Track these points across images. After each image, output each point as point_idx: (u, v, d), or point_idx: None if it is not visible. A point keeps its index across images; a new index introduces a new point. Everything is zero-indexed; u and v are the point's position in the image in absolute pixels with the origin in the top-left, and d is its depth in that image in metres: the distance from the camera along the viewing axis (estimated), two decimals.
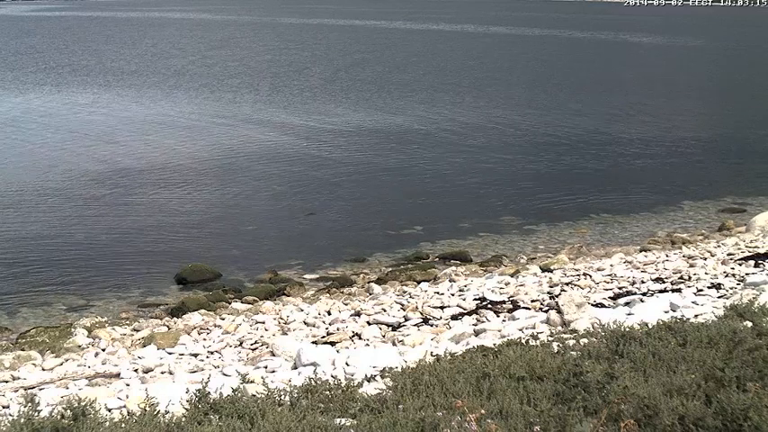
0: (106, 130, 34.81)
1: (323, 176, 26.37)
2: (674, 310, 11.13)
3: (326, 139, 32.80)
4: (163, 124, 36.56)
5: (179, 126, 36.04)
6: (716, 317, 8.61)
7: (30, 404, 5.77)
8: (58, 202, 23.04)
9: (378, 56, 70.43)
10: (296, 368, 10.53)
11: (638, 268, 16.18)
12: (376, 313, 14.16)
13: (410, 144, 31.87)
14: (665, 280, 14.93)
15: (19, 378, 11.95)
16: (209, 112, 39.64)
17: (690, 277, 14.93)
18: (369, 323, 13.66)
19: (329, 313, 14.53)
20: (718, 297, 12.73)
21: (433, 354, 8.94)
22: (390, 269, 17.97)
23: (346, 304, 15.16)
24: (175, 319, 15.03)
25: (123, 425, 5.76)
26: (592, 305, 12.63)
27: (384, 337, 12.96)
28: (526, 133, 34.67)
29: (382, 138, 33.10)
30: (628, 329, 7.44)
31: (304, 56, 70.27)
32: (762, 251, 16.43)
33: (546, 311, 12.65)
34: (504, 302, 14.22)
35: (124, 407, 8.89)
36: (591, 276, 15.75)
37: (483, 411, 5.43)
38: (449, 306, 14.36)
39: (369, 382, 7.71)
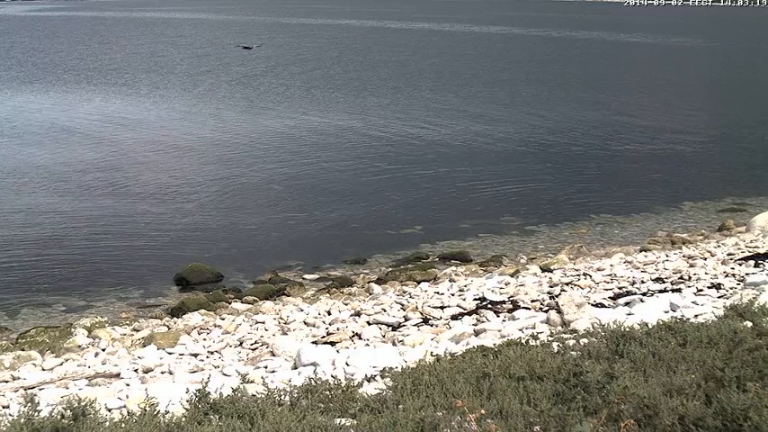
0: (105, 129, 34.79)
1: (323, 176, 26.38)
2: (674, 310, 11.12)
3: (326, 139, 32.79)
4: (162, 124, 36.59)
5: (179, 126, 36.06)
6: (716, 317, 8.61)
7: (30, 404, 5.76)
8: (57, 202, 23.04)
9: (377, 56, 70.41)
10: (296, 368, 10.53)
11: (638, 268, 16.17)
12: (376, 313, 14.16)
13: (410, 144, 31.88)
14: (665, 280, 14.92)
15: (19, 378, 11.94)
16: (209, 112, 39.64)
17: (690, 277, 14.92)
18: (369, 323, 13.66)
19: (329, 313, 14.52)
20: (718, 297, 12.72)
21: (433, 354, 8.93)
22: (390, 269, 17.98)
23: (346, 304, 15.16)
24: (175, 319, 15.04)
25: (123, 425, 5.76)
26: (592, 305, 12.63)
27: (384, 337, 12.96)
28: (526, 133, 34.65)
29: (382, 138, 33.10)
30: (628, 329, 7.45)
31: (304, 56, 70.27)
32: (762, 251, 16.43)
33: (546, 311, 12.64)
34: (504, 302, 14.22)
35: (124, 407, 8.88)
36: (591, 276, 15.75)
37: (483, 411, 5.43)
38: (449, 306, 14.35)
39: (369, 382, 7.70)
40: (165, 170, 27.10)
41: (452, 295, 15.09)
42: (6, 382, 11.79)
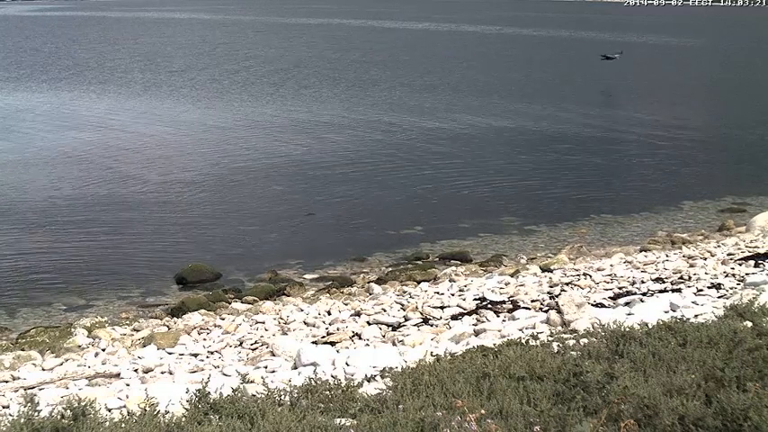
0: (106, 129, 34.81)
1: (323, 176, 26.37)
2: (674, 310, 11.12)
3: (327, 139, 32.80)
4: (162, 124, 36.57)
5: (178, 126, 36.06)
6: (716, 317, 8.61)
7: (30, 404, 5.77)
8: (57, 202, 23.04)
9: (377, 56, 70.42)
10: (296, 368, 10.52)
11: (638, 268, 16.17)
12: (376, 313, 14.16)
13: (411, 144, 31.88)
14: (665, 280, 14.92)
15: (19, 378, 11.94)
16: (209, 113, 39.63)
17: (690, 277, 14.92)
18: (369, 323, 13.66)
19: (329, 313, 14.52)
20: (718, 297, 12.72)
21: (433, 354, 8.93)
22: (390, 269, 17.97)
23: (346, 304, 15.16)
24: (175, 319, 15.03)
25: (123, 425, 5.76)
26: (592, 305, 12.62)
27: (384, 337, 12.96)
28: (526, 133, 34.67)
29: (383, 138, 33.10)
30: (628, 329, 7.45)
31: (304, 55, 70.27)
32: (762, 251, 16.42)
33: (546, 311, 12.64)
34: (504, 302, 14.21)
35: (124, 407, 8.88)
36: (591, 276, 15.74)
37: (483, 411, 5.44)
38: (449, 306, 14.35)
39: (369, 382, 7.70)
40: (166, 170, 27.08)
41: (452, 295, 15.09)
42: (6, 382, 11.79)
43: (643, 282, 14.92)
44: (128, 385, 10.87)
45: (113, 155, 29.55)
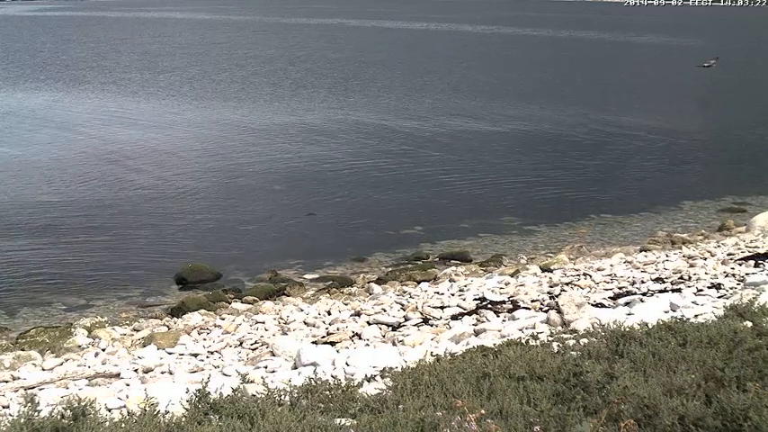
0: (105, 129, 34.81)
1: (323, 176, 26.37)
2: (674, 310, 11.12)
3: (326, 139, 32.80)
4: (162, 124, 36.58)
5: (177, 126, 36.06)
6: (716, 317, 8.61)
7: (30, 404, 5.77)
8: (57, 202, 23.04)
9: (377, 56, 70.41)
10: (296, 368, 10.52)
11: (638, 268, 16.17)
12: (376, 313, 14.16)
13: (411, 144, 31.87)
14: (665, 280, 14.92)
15: (19, 378, 11.94)
16: (208, 112, 39.63)
17: (690, 277, 14.92)
18: (369, 323, 13.66)
19: (329, 313, 14.52)
20: (719, 297, 12.72)
21: (433, 354, 8.92)
22: (390, 269, 17.97)
23: (346, 304, 15.16)
24: (175, 319, 15.04)
25: (123, 425, 5.76)
26: (592, 305, 12.62)
27: (384, 337, 12.96)
28: (526, 133, 34.68)
29: (383, 138, 33.10)
30: (628, 329, 7.45)
31: (304, 55, 70.25)
32: (762, 251, 16.42)
33: (546, 311, 12.63)
34: (504, 302, 14.22)
35: (124, 407, 8.88)
36: (591, 276, 15.75)
37: (483, 411, 5.44)
38: (449, 306, 14.35)
39: (369, 382, 7.70)
40: (166, 170, 27.09)
41: (452, 295, 15.09)
42: (6, 382, 11.79)
43: (643, 282, 14.92)
44: (128, 385, 10.87)
45: (113, 154, 29.54)
